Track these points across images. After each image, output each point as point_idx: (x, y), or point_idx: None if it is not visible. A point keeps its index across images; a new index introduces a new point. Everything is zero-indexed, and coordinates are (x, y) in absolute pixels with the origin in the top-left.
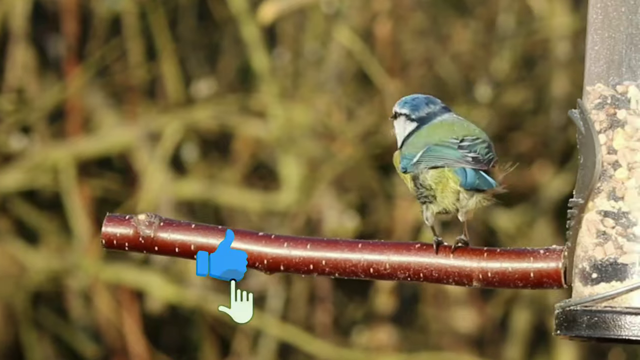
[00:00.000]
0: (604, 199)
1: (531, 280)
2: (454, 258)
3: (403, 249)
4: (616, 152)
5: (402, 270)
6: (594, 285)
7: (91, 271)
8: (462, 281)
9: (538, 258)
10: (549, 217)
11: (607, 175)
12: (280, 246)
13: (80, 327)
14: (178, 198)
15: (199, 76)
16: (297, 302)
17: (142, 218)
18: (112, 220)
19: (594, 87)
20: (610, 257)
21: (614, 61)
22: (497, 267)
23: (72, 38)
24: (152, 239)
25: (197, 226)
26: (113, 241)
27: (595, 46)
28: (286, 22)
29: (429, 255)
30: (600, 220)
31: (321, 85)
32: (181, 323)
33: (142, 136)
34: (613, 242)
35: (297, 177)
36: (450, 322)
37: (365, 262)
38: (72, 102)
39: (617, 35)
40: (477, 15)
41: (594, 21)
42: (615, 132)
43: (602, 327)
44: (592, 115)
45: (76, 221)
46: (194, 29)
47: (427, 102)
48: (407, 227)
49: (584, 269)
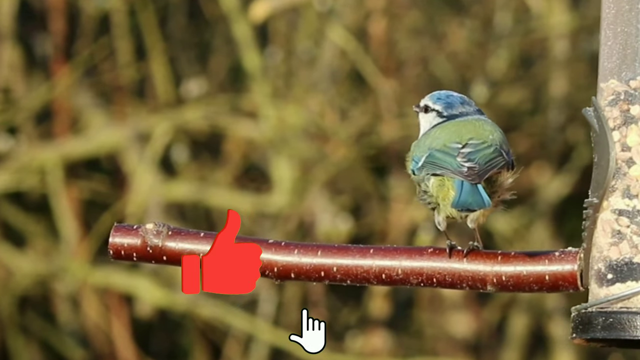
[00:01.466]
0: (619, 197)
1: (547, 284)
2: (468, 262)
3: (416, 253)
4: (630, 149)
5: (414, 276)
6: (609, 286)
7: (79, 275)
8: (476, 285)
9: (553, 260)
10: (547, 220)
11: (621, 172)
12: (291, 253)
13: (68, 332)
14: (168, 200)
15: (189, 76)
16: (289, 307)
17: (149, 227)
18: (120, 230)
19: (607, 84)
20: (625, 257)
21: (627, 56)
22: (511, 271)
23: (60, 37)
24: (160, 248)
25: (206, 235)
26: (121, 252)
27: (608, 41)
28: (278, 20)
29: (442, 260)
30: (615, 219)
31: (314, 85)
32: (171, 328)
33: (131, 137)
34: (628, 241)
35: (290, 179)
36: (446, 326)
37: (377, 268)
38: (59, 102)
39: (629, 29)
40: (473, 14)
41: (607, 16)
42: (629, 128)
43: (618, 328)
44: (605, 112)
45: (64, 224)
46: (184, 28)
47: (462, 101)
48: (402, 229)
49: (599, 269)
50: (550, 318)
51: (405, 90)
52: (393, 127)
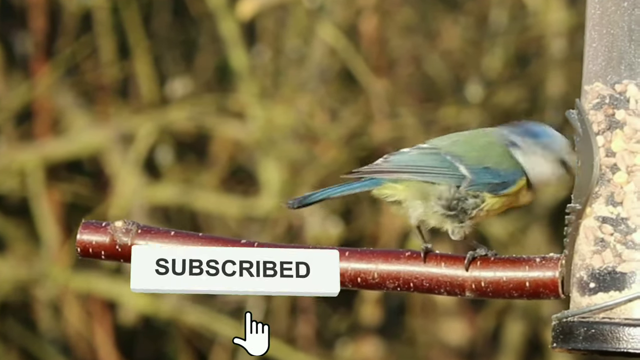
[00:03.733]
0: (602, 204)
1: (527, 290)
2: (446, 267)
3: (392, 257)
4: (615, 154)
5: (391, 280)
6: (591, 296)
7: (60, 280)
8: (454, 291)
9: (534, 267)
10: (543, 224)
11: (605, 179)
12: None
13: (49, 340)
14: (152, 203)
15: (174, 75)
16: (277, 314)
17: (118, 225)
18: (88, 227)
19: (592, 86)
20: (608, 266)
21: (613, 58)
22: (490, 277)
23: (40, 34)
24: (130, 247)
25: (177, 233)
26: (89, 249)
27: (593, 43)
28: (266, 17)
29: (420, 264)
30: (598, 226)
31: (303, 84)
32: (156, 335)
33: (114, 138)
34: (611, 250)
35: (278, 181)
36: (439, 334)
37: (353, 271)
38: (40, 102)
39: (615, 31)
40: (467, 11)
41: (592, 16)
42: (613, 133)
43: (600, 339)
44: (590, 115)
45: (44, 228)
46: (169, 25)
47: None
48: (394, 233)
49: (581, 278)
50: (547, 325)
51: (397, 89)
52: (385, 128)
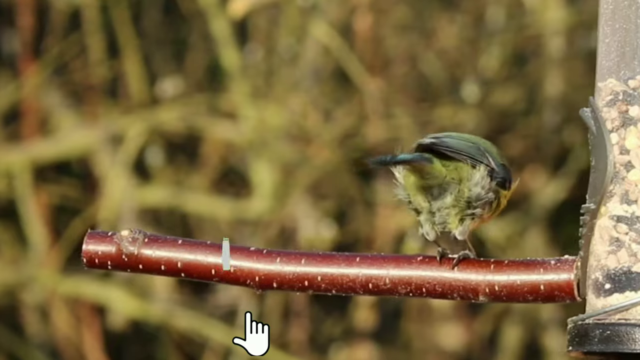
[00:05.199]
0: (617, 203)
1: (542, 294)
2: (459, 271)
3: (404, 262)
4: (629, 152)
5: (403, 285)
6: (607, 297)
7: (48, 284)
8: (467, 295)
9: (549, 269)
10: (542, 226)
11: (619, 177)
12: (273, 262)
13: (37, 345)
14: (142, 206)
15: (165, 74)
16: (270, 318)
17: (125, 234)
18: (94, 237)
19: (605, 83)
20: (623, 266)
21: (626, 54)
22: (504, 280)
23: (28, 33)
24: (136, 256)
25: (185, 242)
26: (95, 260)
27: (606, 38)
28: (258, 16)
29: (432, 269)
30: (613, 226)
31: (296, 84)
32: (145, 340)
33: (103, 139)
34: (627, 250)
35: (270, 183)
36: (435, 338)
37: (364, 277)
38: (27, 102)
39: (628, 25)
40: (464, 9)
41: (605, 12)
42: (627, 130)
43: (616, 341)
44: (603, 113)
45: (32, 230)
46: (160, 24)
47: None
48: (389, 237)
49: (597, 279)
50: (545, 329)
51: (392, 89)
52: (379, 129)
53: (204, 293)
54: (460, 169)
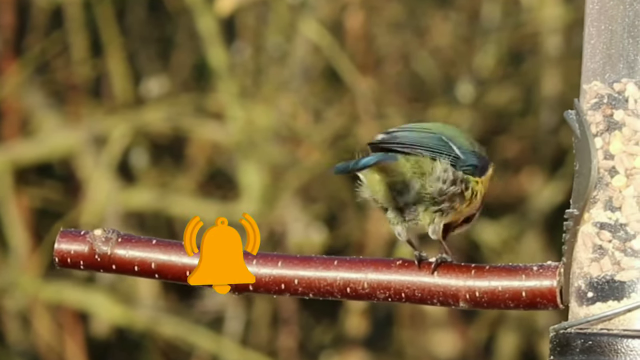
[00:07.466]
0: (600, 209)
1: (523, 300)
2: (439, 276)
3: (383, 266)
4: (613, 157)
5: (381, 290)
6: (589, 306)
7: (29, 290)
8: (447, 301)
9: (531, 275)
10: (539, 230)
11: (603, 182)
12: (249, 264)
13: (18, 352)
14: (126, 209)
15: (150, 74)
16: (258, 324)
17: (98, 233)
18: (66, 235)
19: (590, 86)
20: (606, 274)
21: (611, 56)
22: (485, 286)
23: (9, 31)
24: (109, 256)
25: (159, 242)
26: (67, 259)
27: (591, 40)
28: (246, 13)
29: (411, 274)
30: (597, 233)
31: (285, 83)
32: (130, 348)
33: (87, 140)
34: (610, 258)
35: (259, 186)
36: (429, 346)
37: (342, 281)
38: (8, 102)
39: (614, 27)
40: (458, 6)
41: (591, 11)
42: (612, 135)
43: (597, 351)
44: (588, 116)
45: (13, 234)
46: (144, 22)
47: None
48: (381, 241)
49: (579, 287)
50: (542, 337)
51: (384, 89)
52: (371, 130)
53: (190, 299)
54: (422, 162)
